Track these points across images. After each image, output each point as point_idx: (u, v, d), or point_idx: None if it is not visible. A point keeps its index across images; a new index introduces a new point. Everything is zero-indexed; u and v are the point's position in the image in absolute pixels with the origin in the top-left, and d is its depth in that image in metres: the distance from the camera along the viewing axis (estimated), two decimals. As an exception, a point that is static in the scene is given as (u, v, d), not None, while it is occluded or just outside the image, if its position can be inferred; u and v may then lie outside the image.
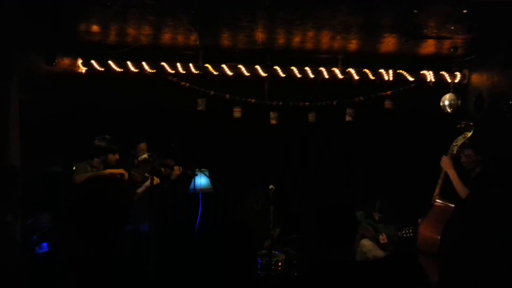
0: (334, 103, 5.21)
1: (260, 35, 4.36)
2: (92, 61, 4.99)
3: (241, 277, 1.84)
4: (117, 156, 4.12)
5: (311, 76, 5.13)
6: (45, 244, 4.08)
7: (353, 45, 4.65)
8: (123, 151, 4.31)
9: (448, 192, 3.65)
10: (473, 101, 4.81)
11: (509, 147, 3.96)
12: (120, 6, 3.56)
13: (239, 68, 5.07)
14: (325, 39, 4.44)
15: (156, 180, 4.24)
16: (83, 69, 5.03)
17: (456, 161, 3.76)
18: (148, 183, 4.26)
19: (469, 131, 3.78)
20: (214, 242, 1.88)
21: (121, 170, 4.09)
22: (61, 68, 4.65)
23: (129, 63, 4.99)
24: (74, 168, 4.08)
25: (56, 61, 4.38)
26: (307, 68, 5.10)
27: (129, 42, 4.69)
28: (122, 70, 5.02)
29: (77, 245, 1.89)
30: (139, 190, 4.35)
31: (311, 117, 5.20)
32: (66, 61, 4.80)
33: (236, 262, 1.83)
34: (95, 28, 4.21)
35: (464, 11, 3.44)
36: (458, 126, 3.89)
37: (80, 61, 5.01)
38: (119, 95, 5.02)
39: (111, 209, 1.85)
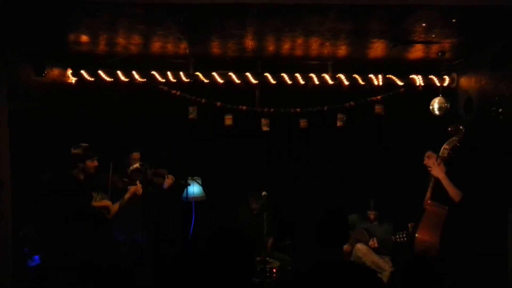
0: (325, 108, 5.24)
1: (250, 43, 4.38)
2: (82, 71, 4.97)
3: (238, 283, 1.84)
4: (95, 163, 4.00)
5: (302, 82, 5.15)
6: (36, 257, 4.04)
7: (342, 51, 4.69)
8: (116, 161, 4.28)
9: (439, 194, 3.67)
10: (462, 104, 4.86)
11: (498, 149, 4.00)
12: (109, 15, 3.56)
13: (230, 76, 5.08)
14: (315, 45, 4.47)
15: (139, 186, 4.20)
16: (73, 79, 5.01)
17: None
18: (132, 188, 4.22)
19: (460, 134, 3.82)
20: (211, 249, 1.89)
21: (107, 203, 4.05)
22: (50, 78, 4.63)
23: (119, 72, 4.98)
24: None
25: (45, 72, 4.36)
26: (297, 75, 5.13)
27: (119, 52, 4.68)
28: (112, 79, 5.01)
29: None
30: (126, 197, 4.27)
31: (303, 123, 5.22)
32: (55, 71, 4.78)
33: (234, 268, 1.84)
34: (84, 38, 4.20)
35: (453, 20, 3.49)
36: (448, 129, 3.92)
37: (70, 71, 4.99)
38: (109, 105, 5.00)
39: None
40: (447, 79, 5.13)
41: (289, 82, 5.14)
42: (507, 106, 3.97)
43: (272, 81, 5.13)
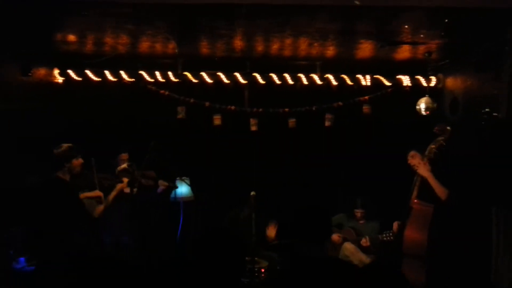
0: (314, 108, 5.27)
1: (238, 43, 4.38)
2: (69, 71, 4.93)
3: (227, 283, 1.85)
4: (80, 160, 3.92)
5: (290, 82, 5.17)
6: (22, 259, 3.99)
7: (330, 51, 4.72)
8: (103, 161, 4.25)
9: (425, 193, 3.71)
10: (448, 104, 4.92)
11: (483, 149, 4.06)
12: (97, 15, 3.54)
13: (219, 76, 5.08)
14: (303, 46, 4.49)
15: (125, 183, 4.16)
16: (60, 79, 4.96)
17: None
18: (119, 186, 4.19)
19: (446, 134, 3.86)
20: (201, 248, 1.89)
21: (99, 193, 4.02)
22: (37, 78, 4.58)
23: (107, 72, 4.95)
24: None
25: (32, 71, 4.31)
26: (286, 75, 5.15)
27: (106, 51, 4.65)
28: (100, 79, 4.98)
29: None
30: (111, 196, 4.21)
31: (291, 122, 5.24)
32: (42, 71, 4.73)
33: (223, 268, 1.84)
34: (71, 37, 4.17)
35: (441, 21, 3.54)
36: (434, 129, 3.96)
37: (56, 71, 4.94)
38: (97, 105, 4.96)
39: None
40: (433, 80, 5.19)
41: (278, 82, 5.16)
42: (492, 106, 4.03)
43: (261, 81, 5.14)
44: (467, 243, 3.88)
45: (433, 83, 5.19)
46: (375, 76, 5.24)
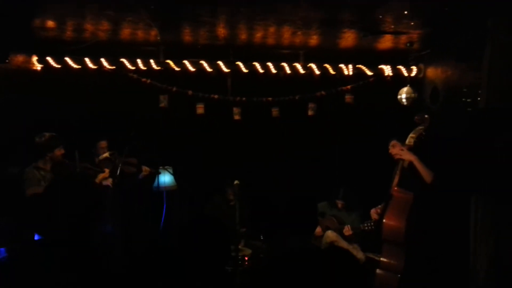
0: (297, 97, 5.28)
1: (221, 31, 4.35)
2: (48, 58, 4.82)
3: (211, 271, 1.85)
4: (62, 150, 3.91)
5: (274, 71, 5.17)
6: (2, 249, 3.93)
7: (314, 40, 4.72)
8: (84, 150, 4.19)
9: (405, 181, 3.77)
10: (428, 94, 4.99)
11: (462, 138, 4.14)
12: (77, 0, 3.46)
13: (201, 64, 5.04)
14: (287, 34, 4.48)
15: (107, 173, 4.14)
16: (38, 66, 4.84)
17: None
18: (101, 176, 4.15)
19: (425, 123, 3.92)
20: (187, 236, 1.88)
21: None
22: (14, 65, 4.46)
23: (87, 59, 4.86)
24: (23, 177, 3.88)
25: (9, 58, 4.20)
26: (269, 64, 5.14)
27: (87, 38, 4.56)
28: (80, 67, 4.88)
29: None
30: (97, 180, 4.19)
31: (275, 112, 5.25)
32: (20, 58, 4.62)
33: (208, 256, 1.84)
34: (50, 23, 4.07)
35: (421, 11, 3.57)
36: (415, 118, 4.02)
37: (35, 58, 4.83)
38: (77, 93, 4.87)
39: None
40: (414, 70, 5.26)
41: (261, 71, 5.15)
42: (471, 96, 4.11)
43: (244, 70, 5.12)
44: (445, 230, 3.98)
45: (414, 73, 5.26)
46: (357, 65, 5.27)
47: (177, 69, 5.02)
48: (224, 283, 2.07)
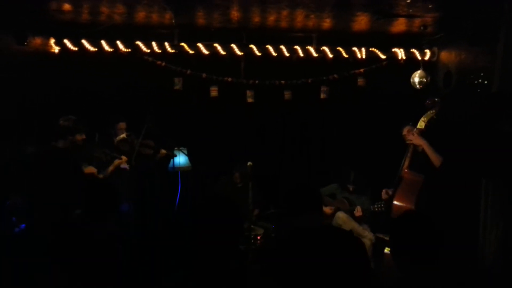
0: (309, 81, 5.31)
1: (235, 14, 4.38)
2: (65, 41, 4.90)
3: (225, 250, 1.89)
4: (84, 136, 3.94)
5: (286, 54, 5.18)
6: (23, 225, 4.09)
7: (327, 23, 4.72)
8: (102, 131, 4.30)
9: (416, 164, 3.82)
10: (441, 77, 4.98)
11: (475, 122, 4.14)
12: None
13: (215, 47, 5.08)
14: (300, 17, 4.49)
15: (123, 160, 4.23)
16: (56, 49, 4.94)
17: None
18: (117, 161, 4.25)
19: (436, 107, 3.94)
20: (198, 216, 1.93)
21: (92, 170, 4.10)
22: (33, 47, 4.57)
23: (103, 42, 4.93)
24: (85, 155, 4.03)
25: (27, 41, 4.30)
26: (282, 47, 5.15)
27: (103, 21, 4.63)
28: (96, 49, 4.96)
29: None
30: (108, 170, 4.27)
31: (287, 95, 5.29)
32: (38, 41, 4.72)
33: (223, 235, 1.86)
34: (67, 6, 4.14)
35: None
36: (426, 102, 4.04)
37: (52, 41, 4.92)
38: (93, 75, 4.97)
39: None
40: (428, 53, 5.23)
41: (274, 54, 5.17)
42: (484, 79, 4.10)
43: (257, 53, 5.15)
44: (455, 214, 4.02)
45: (427, 57, 5.23)
46: (370, 49, 5.26)
47: (191, 52, 5.06)
48: (237, 261, 2.14)
